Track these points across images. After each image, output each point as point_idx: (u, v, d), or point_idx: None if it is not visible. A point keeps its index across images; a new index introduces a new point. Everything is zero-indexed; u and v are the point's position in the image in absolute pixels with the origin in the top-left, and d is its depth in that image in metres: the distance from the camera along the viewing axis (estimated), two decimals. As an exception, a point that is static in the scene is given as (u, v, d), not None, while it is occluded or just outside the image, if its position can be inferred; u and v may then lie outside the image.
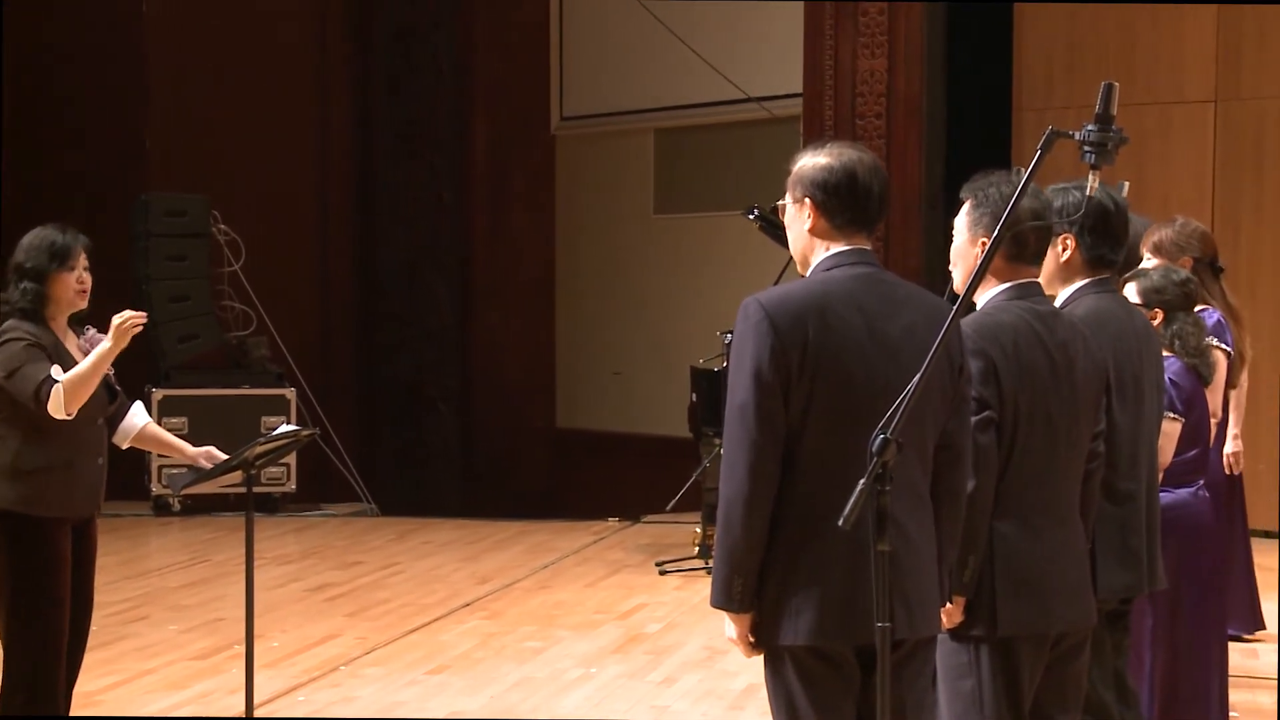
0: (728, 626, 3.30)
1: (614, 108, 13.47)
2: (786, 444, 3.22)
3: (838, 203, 3.35)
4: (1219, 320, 5.77)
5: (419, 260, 13.93)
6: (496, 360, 13.86)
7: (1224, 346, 5.73)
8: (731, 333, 3.37)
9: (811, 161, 3.39)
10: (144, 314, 4.78)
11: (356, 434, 13.11)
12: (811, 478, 3.20)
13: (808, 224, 3.39)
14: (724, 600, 3.27)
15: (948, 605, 3.53)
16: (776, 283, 8.95)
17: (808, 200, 3.38)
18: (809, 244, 3.40)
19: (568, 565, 9.45)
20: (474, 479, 13.74)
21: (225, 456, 4.98)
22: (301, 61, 13.53)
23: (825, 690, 3.25)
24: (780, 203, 3.47)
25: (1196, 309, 5.23)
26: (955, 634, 3.59)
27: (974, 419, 3.52)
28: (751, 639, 3.29)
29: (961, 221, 3.77)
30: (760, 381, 3.19)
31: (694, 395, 9.37)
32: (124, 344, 4.67)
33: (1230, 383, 5.94)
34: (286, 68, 13.34)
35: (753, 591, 3.25)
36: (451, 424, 14.01)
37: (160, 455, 11.16)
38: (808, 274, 3.40)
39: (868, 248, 3.39)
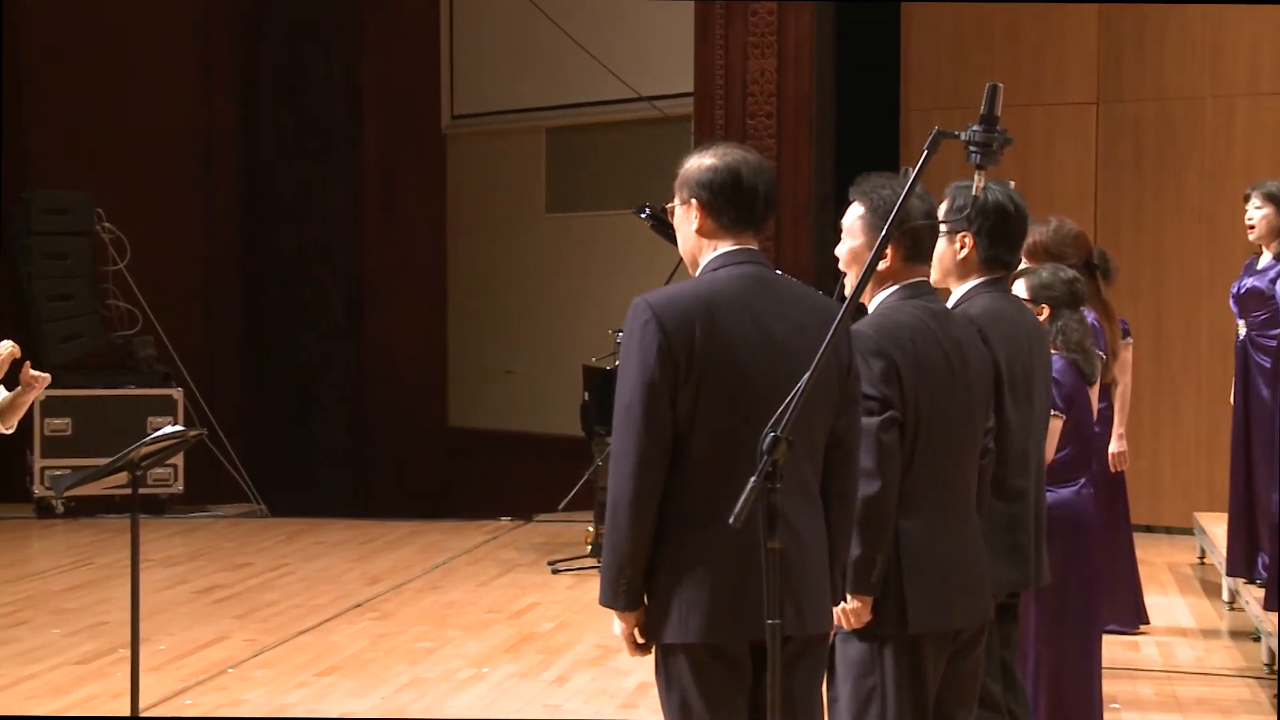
0: (615, 624, 3.31)
1: (505, 106, 13.44)
2: (675, 443, 3.23)
3: (723, 203, 3.37)
4: (1094, 322, 5.87)
5: (309, 259, 13.81)
6: (388, 359, 13.78)
7: (1099, 353, 5.83)
8: (623, 331, 3.37)
9: (697, 162, 3.41)
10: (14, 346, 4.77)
11: (245, 434, 12.97)
12: (701, 476, 3.22)
13: (695, 224, 3.41)
14: (611, 599, 3.28)
15: (844, 604, 3.57)
16: (668, 282, 8.98)
17: (694, 201, 3.40)
18: (697, 244, 3.42)
19: (460, 565, 9.41)
20: (365, 479, 13.65)
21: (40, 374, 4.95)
22: (187, 59, 13.36)
23: (718, 687, 3.26)
24: (670, 204, 3.49)
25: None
26: (861, 633, 3.62)
27: (878, 419, 3.55)
28: (639, 639, 3.30)
29: (851, 222, 3.80)
30: (647, 381, 3.20)
31: (586, 394, 9.37)
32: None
33: (1101, 381, 6.04)
34: (172, 65, 13.16)
35: (639, 590, 3.26)
36: (342, 424, 13.91)
37: (44, 457, 11.04)
38: (696, 274, 3.42)
39: (755, 247, 3.41)
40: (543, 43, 12.44)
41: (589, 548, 9.23)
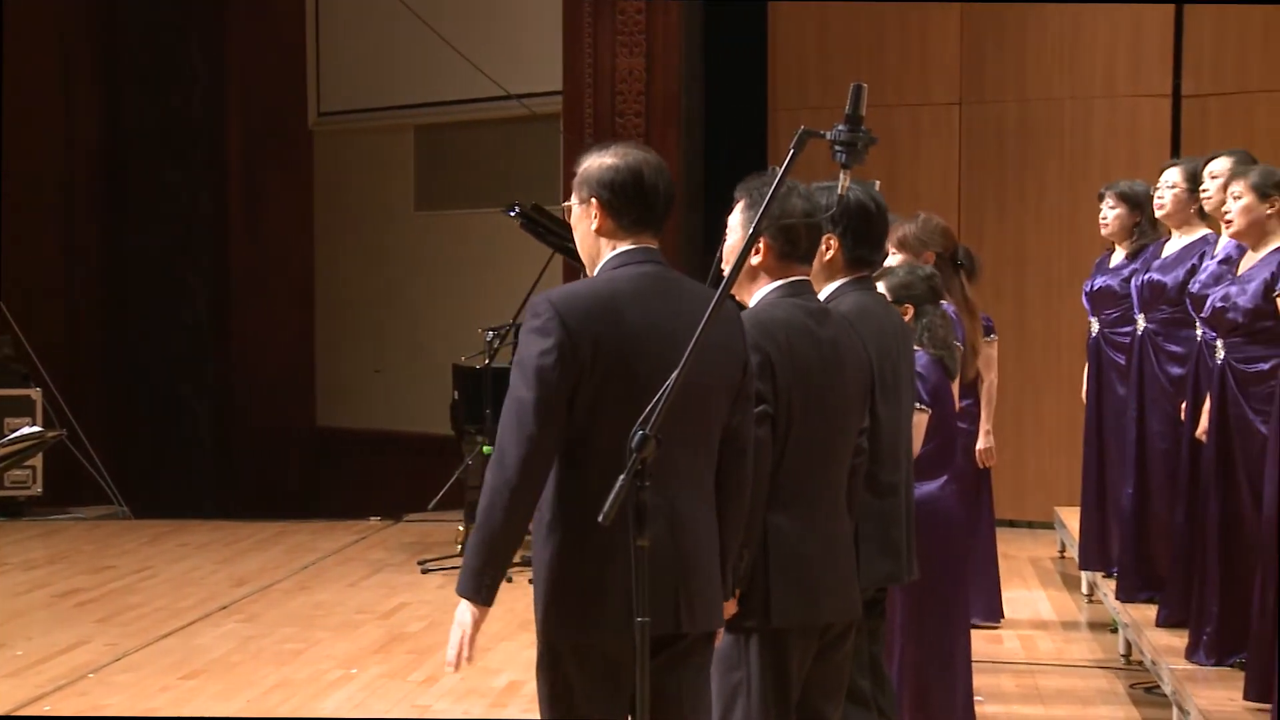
0: (464, 612, 3.28)
1: (373, 103, 13.34)
2: (573, 442, 3.23)
3: (624, 202, 3.37)
4: (953, 315, 5.95)
5: (173, 257, 13.60)
6: (254, 358, 13.61)
7: (957, 343, 5.92)
8: (494, 329, 3.38)
9: (598, 162, 3.41)
10: None
11: (107, 435, 12.74)
12: (598, 475, 3.20)
13: (595, 224, 3.41)
14: (473, 591, 3.27)
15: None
16: (538, 281, 8.98)
17: (594, 200, 3.39)
18: (596, 244, 3.42)
19: (328, 565, 9.33)
20: (231, 479, 13.48)
21: None
22: (46, 54, 13.08)
23: (601, 686, 3.27)
24: (566, 204, 3.48)
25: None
26: (728, 625, 3.64)
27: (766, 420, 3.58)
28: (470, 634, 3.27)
29: (735, 220, 3.83)
30: (545, 378, 3.19)
31: (456, 393, 9.33)
32: None
33: (962, 376, 6.13)
34: (30, 60, 12.87)
35: (497, 587, 3.24)
36: (208, 424, 13.71)
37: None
38: (594, 273, 3.41)
39: (655, 247, 3.42)
40: (410, 40, 12.35)
41: (459, 547, 9.19)
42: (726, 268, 3.88)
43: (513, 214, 9.17)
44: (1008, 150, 10.65)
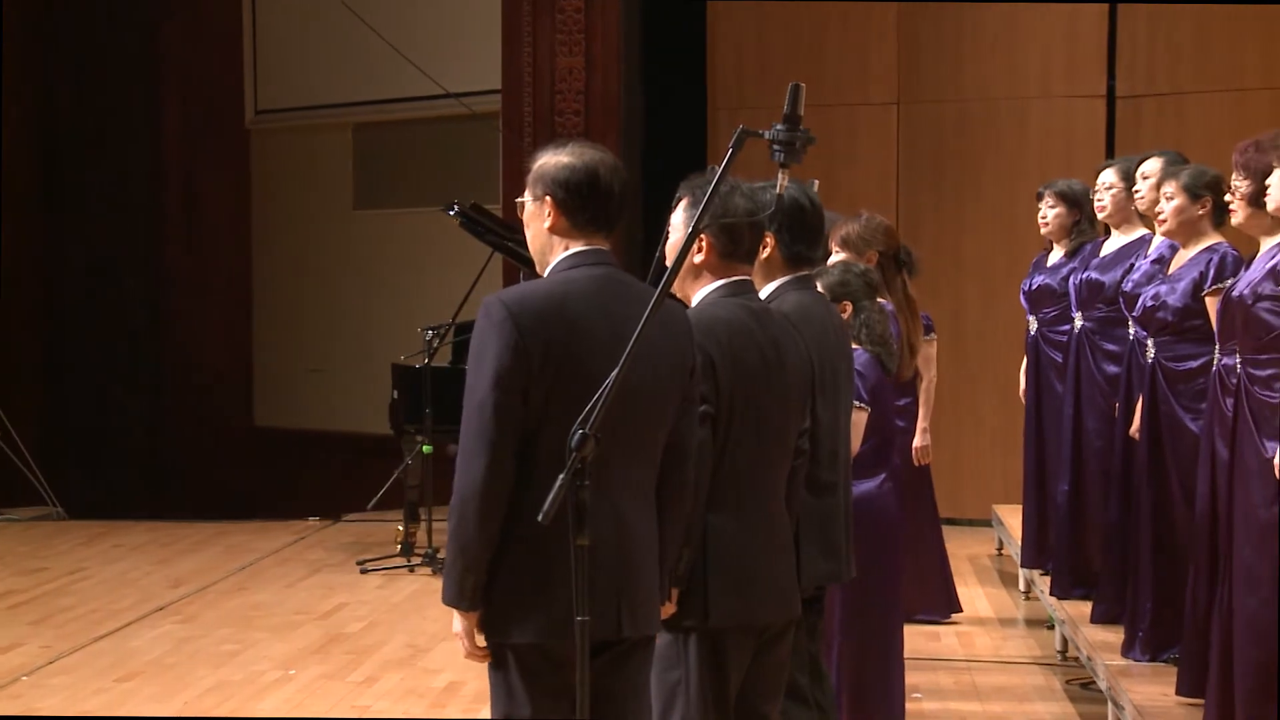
0: (456, 623, 3.29)
1: (311, 101, 13.27)
2: (525, 443, 3.22)
3: (579, 202, 3.37)
4: (891, 313, 5.99)
5: (108, 255, 13.48)
6: (191, 358, 13.51)
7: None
8: (433, 328, 3.37)
9: (554, 160, 3.40)
10: None
11: (41, 435, 12.62)
12: (550, 476, 3.20)
13: (548, 222, 3.39)
14: (456, 599, 3.26)
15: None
16: (477, 280, 8.96)
17: (549, 198, 3.38)
18: (548, 242, 3.41)
19: (266, 566, 9.28)
20: (168, 480, 13.37)
21: None
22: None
23: (546, 687, 3.27)
24: (519, 199, 3.47)
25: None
26: (667, 625, 3.64)
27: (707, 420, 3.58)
28: (479, 640, 3.29)
29: (677, 219, 3.83)
30: (501, 380, 3.19)
31: (395, 392, 9.29)
32: None
33: (900, 375, 6.17)
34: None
35: (483, 589, 3.25)
36: (144, 424, 13.61)
37: None
38: (546, 273, 3.40)
39: (606, 248, 3.42)
40: (348, 38, 12.29)
41: (398, 547, 9.16)
42: (668, 264, 3.88)
43: (452, 213, 9.14)
44: (945, 150, 10.72)
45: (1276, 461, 4.67)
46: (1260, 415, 4.78)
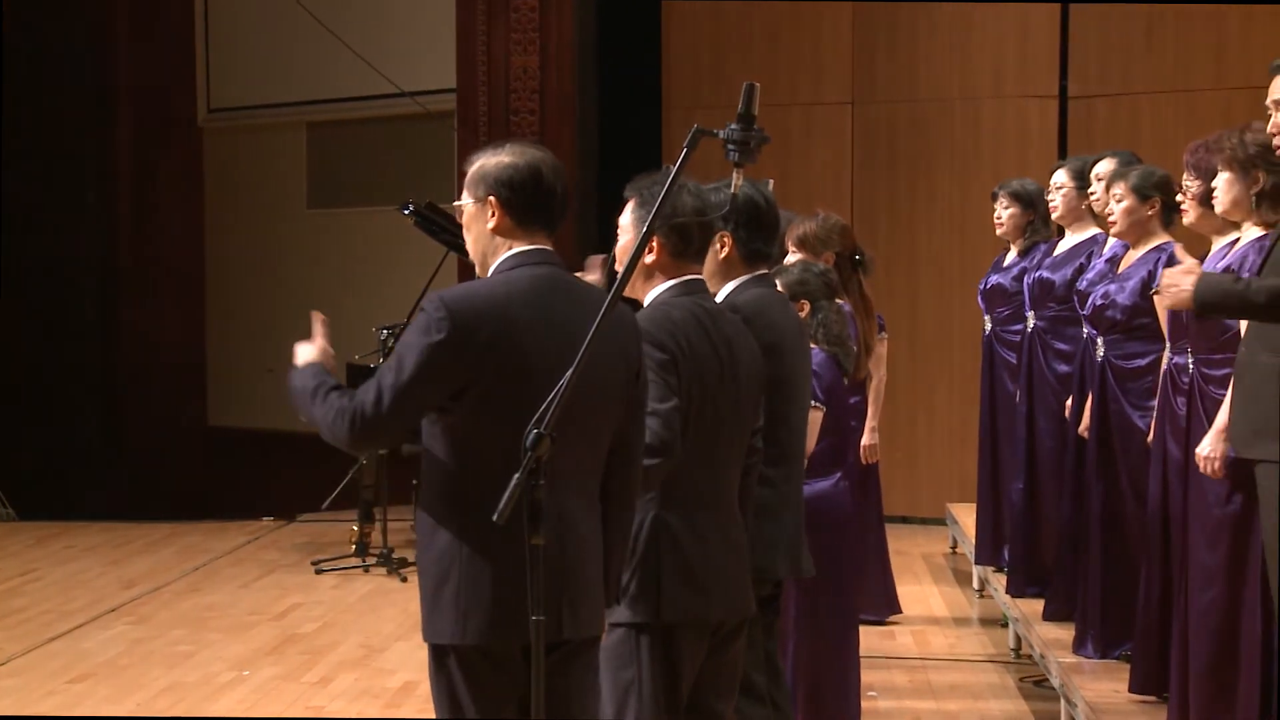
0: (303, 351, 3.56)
1: (264, 100, 13.21)
2: (460, 442, 3.22)
3: (522, 201, 3.35)
4: (848, 313, 6.01)
5: (61, 256, 13.38)
6: (145, 358, 13.43)
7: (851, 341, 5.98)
8: (389, 328, 3.37)
9: (495, 159, 3.38)
10: None
11: (-8, 435, 12.52)
12: (486, 478, 3.19)
13: (491, 223, 3.38)
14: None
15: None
16: (431, 279, 8.94)
17: (492, 198, 3.37)
18: (491, 243, 3.39)
19: (220, 566, 9.23)
20: (121, 480, 13.29)
21: None
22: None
23: (489, 688, 3.26)
24: (457, 203, 3.46)
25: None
26: (619, 622, 3.64)
27: (664, 407, 3.57)
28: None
29: (626, 220, 3.83)
30: (423, 372, 3.18)
31: (350, 392, 9.24)
32: None
33: (855, 375, 6.19)
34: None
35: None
36: (97, 424, 13.51)
37: None
38: (489, 273, 3.39)
39: (550, 248, 3.41)
40: (302, 36, 12.24)
41: (353, 547, 9.13)
42: (620, 268, 3.88)
43: (407, 212, 9.12)
44: (899, 150, 10.76)
45: (1201, 453, 4.70)
46: (1213, 414, 4.82)
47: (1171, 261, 5.66)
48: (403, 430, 3.28)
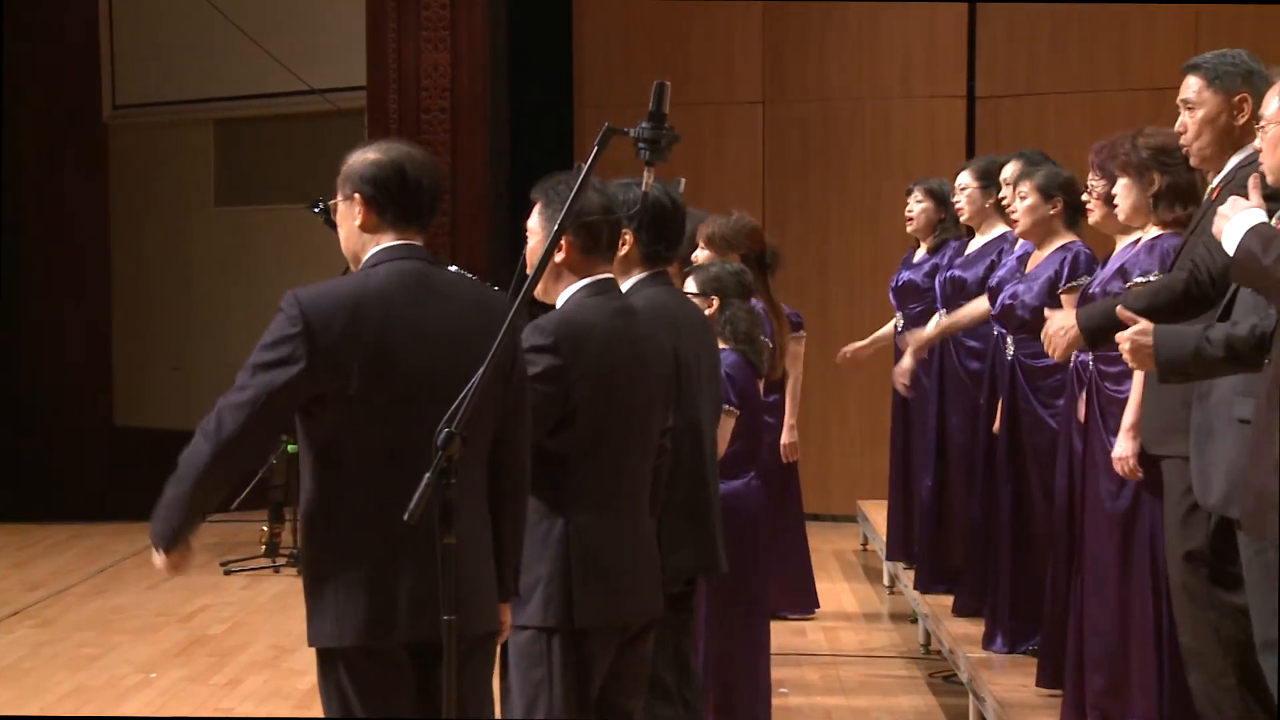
0: (156, 560, 3.34)
1: (171, 97, 13.05)
2: (330, 441, 3.20)
3: (387, 198, 3.36)
4: (761, 313, 6.03)
5: (-38, 253, 13.16)
6: (49, 357, 13.23)
7: (765, 340, 6.00)
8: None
9: (361, 157, 3.39)
10: None
11: (-107, 436, 12.30)
12: (359, 477, 3.18)
13: (358, 220, 3.38)
14: (158, 539, 3.31)
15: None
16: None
17: (357, 196, 3.37)
18: (360, 240, 3.40)
19: (127, 568, 9.12)
20: (24, 481, 13.08)
21: None
22: None
23: (378, 689, 3.25)
24: (331, 201, 3.45)
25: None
26: (529, 627, 3.63)
27: (552, 420, 3.57)
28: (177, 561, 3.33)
29: (534, 222, 3.82)
30: (278, 373, 3.17)
31: (259, 391, 9.17)
32: None
33: (769, 374, 6.22)
34: None
35: (184, 536, 3.29)
36: (-1, 424, 13.30)
37: None
38: (358, 270, 3.39)
39: (419, 243, 3.40)
40: (210, 32, 12.11)
41: (263, 547, 9.06)
42: (530, 271, 3.86)
43: (317, 210, 9.05)
44: (810, 149, 10.81)
45: (1115, 454, 4.79)
46: (1108, 411, 4.92)
47: (1078, 261, 5.75)
48: (268, 436, 3.25)
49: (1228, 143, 4.44)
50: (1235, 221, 3.64)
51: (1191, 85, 4.46)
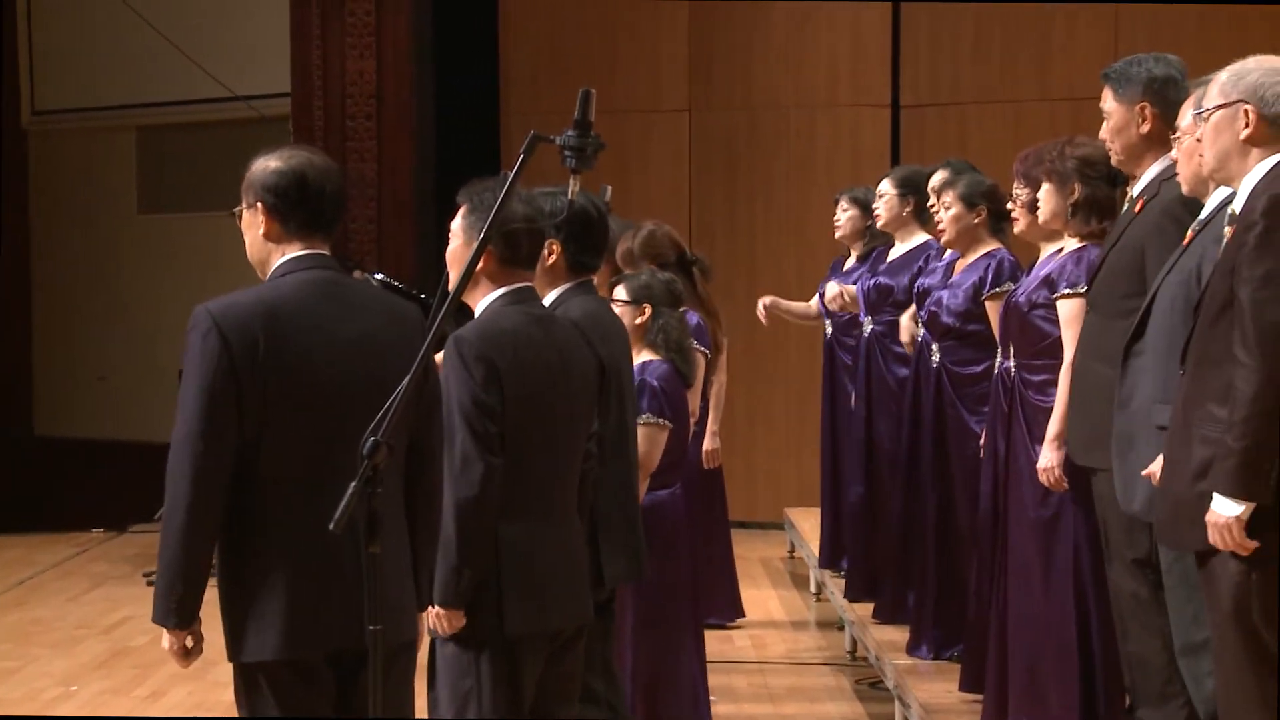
0: (165, 640, 3.25)
1: (92, 103, 12.91)
2: (246, 455, 3.18)
3: (289, 206, 3.34)
4: (699, 323, 6.05)
5: (-121, 260, 12.95)
6: (-34, 366, 13.06)
7: (702, 348, 6.01)
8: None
9: (262, 165, 3.39)
10: None
11: None
12: (276, 487, 3.16)
13: (261, 229, 3.37)
14: (163, 617, 3.23)
15: (436, 610, 3.56)
16: (266, 284, 8.81)
17: (260, 204, 3.36)
18: (264, 249, 3.39)
19: (47, 580, 9.01)
20: (-58, 492, 12.90)
21: None
22: None
23: (298, 702, 3.23)
24: (235, 210, 3.44)
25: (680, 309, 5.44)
26: (456, 638, 3.62)
27: (477, 432, 3.55)
28: (189, 648, 3.24)
29: (457, 225, 3.81)
30: (209, 395, 3.16)
31: (182, 400, 9.10)
32: None
33: (707, 376, 6.23)
34: None
35: (193, 607, 3.20)
36: (-83, 434, 13.11)
37: None
38: (265, 279, 3.37)
39: (325, 251, 3.38)
40: (131, 38, 11.99)
41: (186, 558, 8.96)
42: (452, 272, 3.86)
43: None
44: (737, 156, 10.84)
45: (1040, 465, 4.84)
46: (1032, 419, 4.96)
47: (1001, 268, 5.80)
48: (230, 457, 3.19)
49: (1140, 150, 4.50)
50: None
51: (1105, 95, 4.53)
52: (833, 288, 7.20)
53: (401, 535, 3.34)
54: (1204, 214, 4.07)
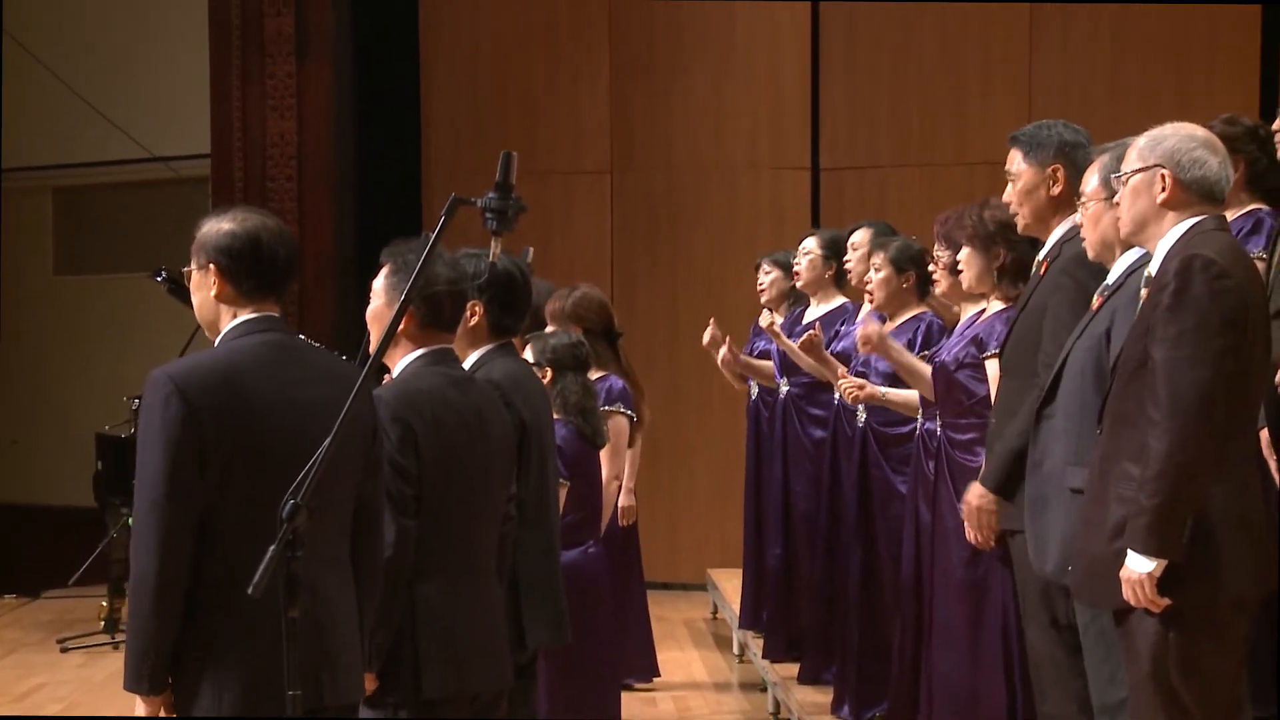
0: (139, 707, 3.20)
1: (9, 164, 12.78)
2: (205, 517, 3.15)
3: (243, 269, 3.33)
4: (623, 388, 6.06)
5: None
6: (-124, 429, 12.84)
7: (628, 412, 6.02)
8: (140, 398, 3.29)
9: (215, 227, 3.36)
10: None
11: None
12: (233, 551, 3.14)
13: (213, 290, 3.35)
14: (135, 683, 3.18)
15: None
16: (186, 348, 8.74)
17: (212, 266, 3.34)
18: (216, 311, 3.37)
19: (-42, 647, 8.84)
20: None
21: None
22: None
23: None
24: (185, 269, 3.41)
25: (596, 375, 5.47)
26: (372, 700, 3.59)
27: (391, 494, 3.55)
28: (162, 712, 3.21)
29: (379, 285, 3.81)
30: (173, 460, 3.12)
31: (100, 463, 9.01)
32: None
33: (633, 437, 6.24)
34: None
35: (164, 673, 3.17)
36: None
37: None
38: (217, 342, 3.35)
39: (277, 314, 3.37)
40: (46, 98, 11.90)
41: (102, 623, 8.83)
42: (373, 331, 3.86)
43: (159, 279, 8.94)
44: (658, 218, 10.88)
45: (973, 503, 4.83)
46: (959, 478, 4.98)
47: (930, 331, 5.84)
48: (195, 519, 3.15)
49: (1048, 213, 4.56)
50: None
51: (1013, 157, 4.59)
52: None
53: (351, 596, 3.32)
54: (1110, 279, 4.13)
